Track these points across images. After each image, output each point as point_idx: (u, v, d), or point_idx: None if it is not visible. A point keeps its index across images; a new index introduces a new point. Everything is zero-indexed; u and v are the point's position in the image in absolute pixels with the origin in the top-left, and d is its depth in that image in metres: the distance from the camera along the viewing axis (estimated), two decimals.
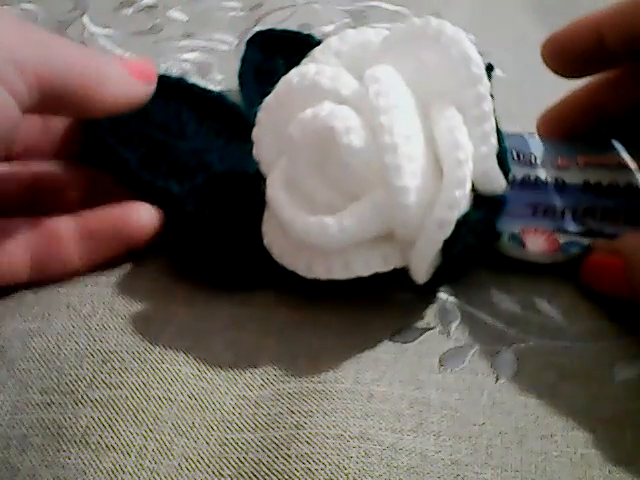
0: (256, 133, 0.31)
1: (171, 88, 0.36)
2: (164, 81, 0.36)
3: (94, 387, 0.28)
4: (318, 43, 0.32)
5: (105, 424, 0.27)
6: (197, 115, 0.36)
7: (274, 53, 0.38)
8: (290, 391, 0.28)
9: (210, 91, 0.37)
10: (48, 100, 0.28)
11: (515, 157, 0.34)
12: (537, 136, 0.36)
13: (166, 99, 0.35)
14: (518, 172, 0.34)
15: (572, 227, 0.32)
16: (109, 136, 0.34)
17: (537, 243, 0.32)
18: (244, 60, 0.39)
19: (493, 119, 0.29)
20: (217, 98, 0.36)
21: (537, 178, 0.34)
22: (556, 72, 0.34)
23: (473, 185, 0.29)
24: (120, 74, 0.30)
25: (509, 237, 0.32)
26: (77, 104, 0.29)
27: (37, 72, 0.27)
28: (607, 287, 0.30)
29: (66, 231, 0.31)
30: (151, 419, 0.27)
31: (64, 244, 0.31)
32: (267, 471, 0.26)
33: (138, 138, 0.34)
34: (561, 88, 0.40)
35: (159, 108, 0.35)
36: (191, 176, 0.33)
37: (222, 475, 0.26)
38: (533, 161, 0.34)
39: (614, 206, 0.33)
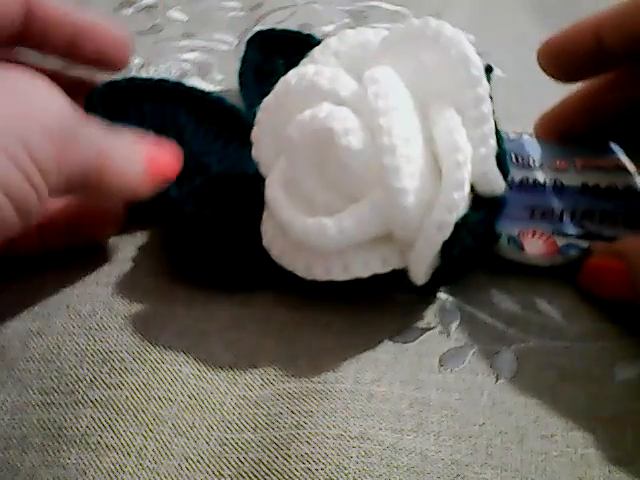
0: (255, 134, 0.31)
1: (169, 92, 0.36)
2: (162, 85, 0.36)
3: (94, 387, 0.28)
4: (318, 43, 0.32)
5: (105, 424, 0.27)
6: (195, 118, 0.36)
7: (274, 53, 0.38)
8: (290, 391, 0.28)
9: (208, 94, 0.37)
10: (67, 180, 0.27)
11: (513, 160, 0.34)
12: (535, 138, 0.36)
13: (164, 103, 0.35)
14: (516, 174, 0.34)
15: (571, 230, 0.32)
16: None
17: (536, 246, 0.32)
18: (244, 60, 0.39)
19: (492, 121, 0.29)
20: (215, 101, 0.36)
21: (535, 180, 0.34)
22: (553, 76, 0.34)
23: (472, 187, 0.29)
24: (139, 169, 0.30)
25: (507, 240, 0.32)
26: (89, 189, 0.29)
27: (65, 150, 0.27)
28: (607, 290, 0.30)
29: None
30: (151, 419, 0.27)
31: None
32: (267, 471, 0.26)
33: None
34: (560, 88, 0.40)
35: (157, 112, 0.35)
36: (189, 179, 0.33)
37: (222, 475, 0.26)
38: (531, 163, 0.34)
39: (612, 209, 0.33)
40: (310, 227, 0.28)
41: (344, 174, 0.28)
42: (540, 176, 0.34)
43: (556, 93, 0.40)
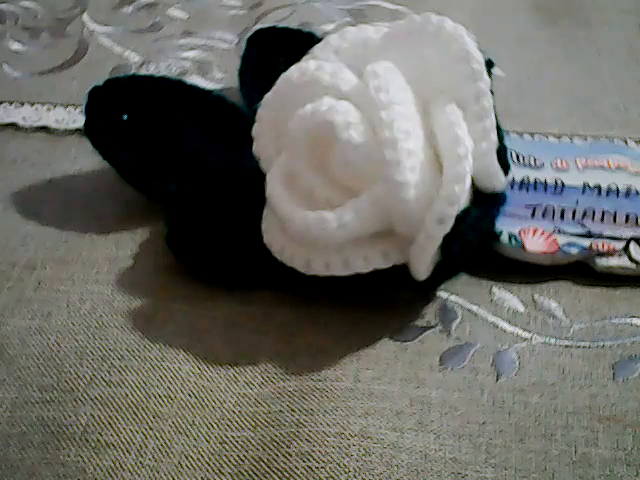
0: (256, 130, 0.31)
1: (169, 89, 0.36)
2: (163, 83, 0.36)
3: (94, 385, 0.28)
4: (319, 41, 0.32)
5: (105, 422, 0.27)
6: (196, 116, 0.36)
7: (275, 51, 0.38)
8: (290, 389, 0.28)
9: (210, 92, 0.37)
10: None
11: (514, 159, 0.34)
12: (536, 137, 0.36)
13: (164, 101, 0.35)
14: (517, 173, 0.33)
15: (571, 228, 0.32)
16: (108, 138, 0.34)
17: (536, 244, 0.31)
18: (244, 58, 0.39)
19: (493, 115, 0.29)
20: (216, 99, 0.36)
21: (536, 180, 0.34)
22: None
23: (473, 182, 0.29)
24: None
25: (508, 238, 0.31)
26: None
27: None
28: None
29: None
30: (151, 417, 0.27)
31: None
32: (267, 469, 0.26)
33: (136, 139, 0.34)
34: (560, 88, 0.40)
35: (158, 110, 0.35)
36: (189, 176, 0.33)
37: (222, 473, 0.26)
38: (532, 162, 0.34)
39: (613, 208, 0.33)
40: (311, 221, 0.28)
41: (345, 168, 0.28)
42: (541, 175, 0.34)
43: (556, 93, 0.40)
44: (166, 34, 0.44)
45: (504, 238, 0.31)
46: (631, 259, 0.31)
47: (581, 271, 0.32)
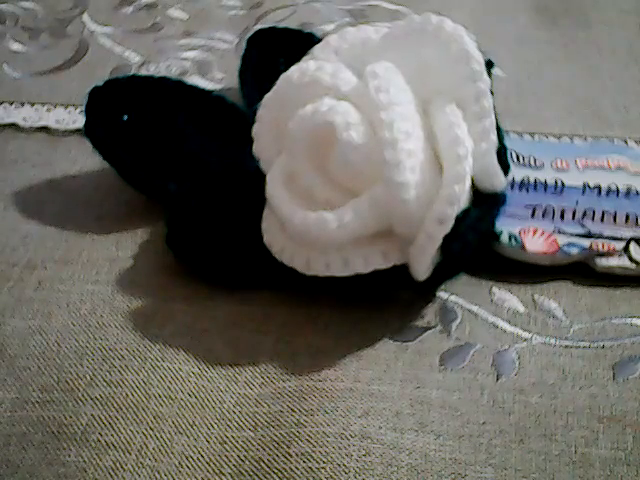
0: (256, 130, 0.31)
1: (170, 90, 0.36)
2: (163, 83, 0.36)
3: (94, 385, 0.28)
4: (319, 41, 0.32)
5: (105, 422, 0.27)
6: (196, 116, 0.36)
7: (275, 51, 0.38)
8: (290, 389, 0.28)
9: (210, 92, 0.37)
10: None
11: (514, 159, 0.34)
12: (536, 137, 0.36)
13: (165, 101, 0.35)
14: (517, 173, 0.33)
15: (571, 229, 0.32)
16: (108, 139, 0.34)
17: (536, 244, 0.31)
18: (244, 58, 0.39)
19: (493, 115, 0.29)
20: (216, 99, 0.36)
21: (536, 180, 0.34)
22: None
23: (473, 182, 0.29)
24: None
25: (509, 238, 0.31)
26: None
27: None
28: None
29: None
30: (151, 417, 0.27)
31: None
32: (267, 469, 0.26)
33: (136, 139, 0.34)
34: (560, 88, 0.40)
35: (158, 110, 0.35)
36: (189, 176, 0.33)
37: (222, 473, 0.26)
38: (532, 162, 0.34)
39: (614, 208, 0.33)
40: (310, 221, 0.28)
41: (345, 168, 0.28)
42: (541, 175, 0.34)
43: (556, 93, 0.40)
44: (166, 34, 0.44)
45: (504, 238, 0.31)
46: (631, 259, 0.31)
47: (581, 271, 0.32)
